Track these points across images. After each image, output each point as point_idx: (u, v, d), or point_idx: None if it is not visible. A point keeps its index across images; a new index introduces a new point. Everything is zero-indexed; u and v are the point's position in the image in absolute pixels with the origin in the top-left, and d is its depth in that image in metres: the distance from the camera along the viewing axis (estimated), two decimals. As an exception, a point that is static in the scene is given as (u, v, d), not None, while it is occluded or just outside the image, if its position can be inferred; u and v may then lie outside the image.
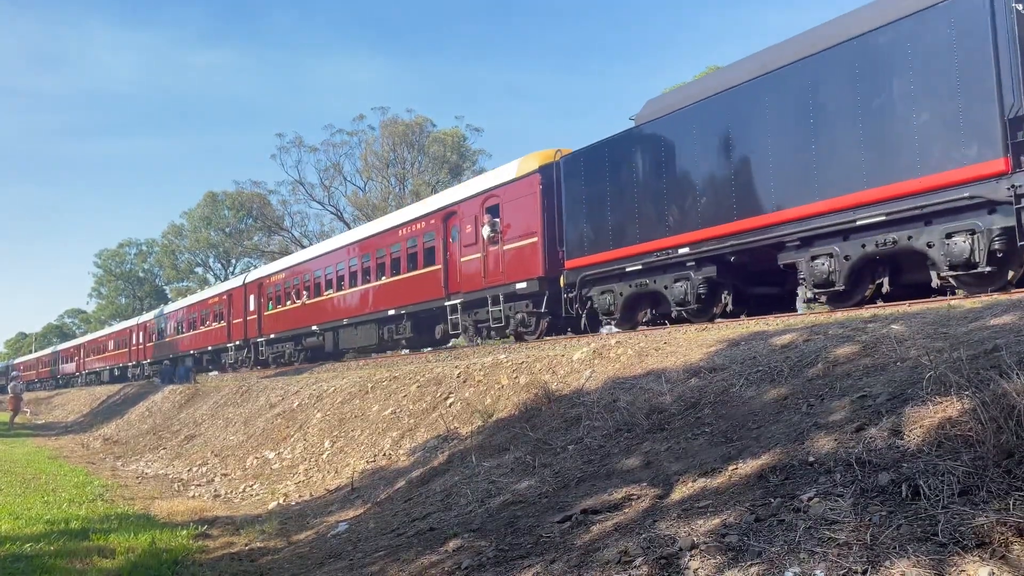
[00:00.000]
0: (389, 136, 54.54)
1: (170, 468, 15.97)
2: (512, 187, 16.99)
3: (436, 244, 19.53)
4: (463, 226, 18.36)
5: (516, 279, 16.55)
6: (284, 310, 28.72)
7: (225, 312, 34.34)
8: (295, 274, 28.29)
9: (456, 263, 18.62)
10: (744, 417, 6.02)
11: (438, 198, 20.73)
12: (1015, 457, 3.76)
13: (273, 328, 29.56)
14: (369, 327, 22.83)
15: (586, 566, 4.32)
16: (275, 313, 29.54)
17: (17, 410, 33.14)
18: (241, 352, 32.86)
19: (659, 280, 13.52)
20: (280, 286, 29.36)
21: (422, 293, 19.90)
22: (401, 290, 20.97)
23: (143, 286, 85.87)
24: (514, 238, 16.80)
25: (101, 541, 8.12)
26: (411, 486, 8.54)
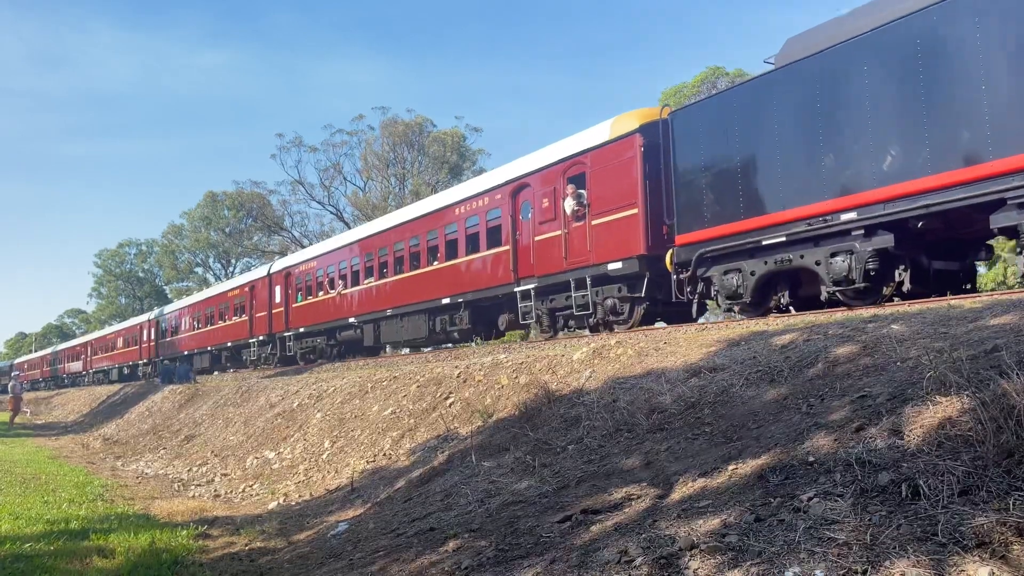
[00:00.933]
0: (389, 136, 54.54)
1: (170, 468, 15.97)
2: (603, 152, 14.55)
3: (503, 222, 17.12)
4: (538, 200, 16.06)
5: (608, 259, 14.24)
6: (316, 301, 26.26)
7: (247, 305, 31.75)
8: (329, 261, 25.77)
9: (528, 243, 16.34)
10: (744, 417, 6.02)
11: (504, 170, 17.92)
12: (1015, 457, 3.76)
13: (302, 321, 27.04)
14: (418, 318, 20.55)
15: (586, 566, 4.32)
16: (305, 305, 27.03)
17: (17, 410, 33.13)
18: (265, 348, 30.33)
19: (809, 254, 11.05)
20: (311, 275, 26.87)
21: (484, 278, 17.65)
22: (458, 276, 18.64)
23: (143, 286, 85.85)
24: (605, 211, 14.38)
25: (101, 541, 8.12)
26: (411, 486, 8.54)
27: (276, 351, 29.28)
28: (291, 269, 28.68)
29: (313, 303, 26.52)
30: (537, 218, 16.10)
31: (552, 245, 15.71)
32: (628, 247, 13.99)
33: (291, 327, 27.94)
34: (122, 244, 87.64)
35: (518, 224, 16.84)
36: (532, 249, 16.21)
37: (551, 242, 15.75)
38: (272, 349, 29.68)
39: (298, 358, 27.59)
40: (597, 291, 14.82)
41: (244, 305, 32.13)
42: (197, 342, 37.58)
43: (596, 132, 15.12)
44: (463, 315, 18.78)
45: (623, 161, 14.15)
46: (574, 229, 15.13)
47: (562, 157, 15.68)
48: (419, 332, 20.66)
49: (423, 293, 20.05)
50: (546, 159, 16.21)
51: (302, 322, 27.10)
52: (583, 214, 14.87)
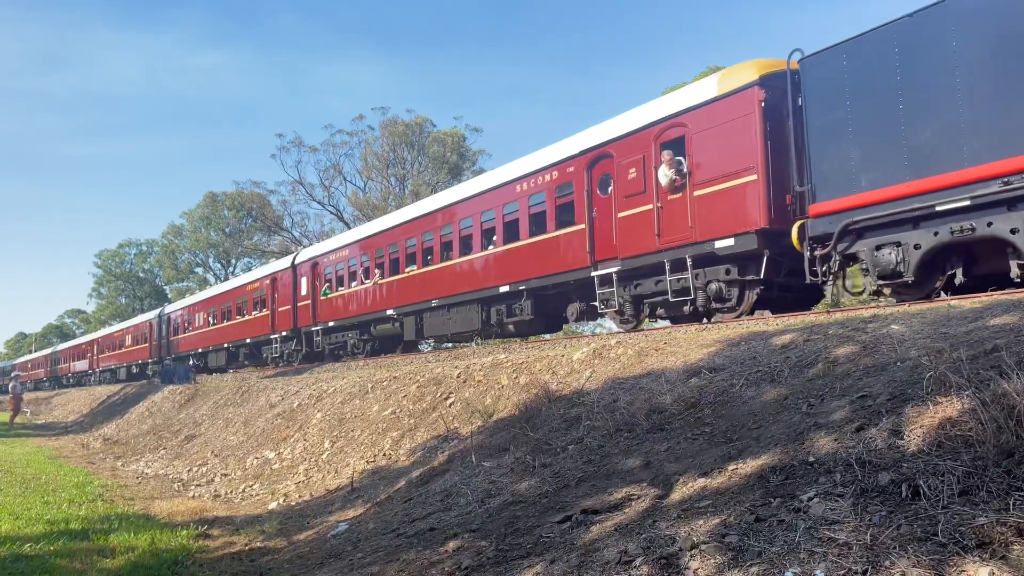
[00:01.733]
0: (389, 136, 54.55)
1: (170, 468, 15.97)
2: (710, 111, 12.50)
3: (576, 198, 15.14)
4: (621, 171, 13.99)
5: (715, 235, 12.26)
6: (348, 293, 24.01)
7: (268, 299, 29.52)
8: (364, 249, 23.44)
9: (609, 221, 14.32)
10: (744, 417, 6.02)
11: (577, 139, 15.64)
12: (1015, 457, 3.76)
13: (332, 315, 24.89)
14: (469, 309, 18.52)
15: (586, 566, 4.32)
16: (335, 297, 24.80)
17: (17, 410, 33.13)
18: (288, 344, 28.19)
19: (1001, 221, 9.12)
20: (342, 265, 24.67)
21: (551, 262, 15.71)
22: (519, 260, 16.62)
23: (143, 286, 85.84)
24: (712, 179, 12.37)
25: (101, 541, 8.12)
26: (411, 486, 8.54)
27: (301, 347, 27.31)
28: (319, 259, 26.37)
29: (344, 295, 24.29)
30: (621, 191, 14.02)
31: (641, 222, 13.66)
32: (742, 220, 11.90)
33: (319, 321, 25.76)
34: (122, 244, 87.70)
35: (595, 200, 14.75)
36: (614, 227, 14.19)
37: (639, 219, 13.71)
38: (297, 345, 27.65)
39: (326, 354, 25.74)
40: (698, 273, 12.77)
41: (265, 299, 29.94)
42: (212, 339, 35.56)
43: (699, 89, 13.08)
44: (524, 305, 16.79)
45: (737, 120, 12.04)
46: (670, 203, 13.13)
47: (653, 120, 13.60)
48: (470, 324, 18.57)
49: (476, 281, 18.05)
50: (632, 124, 14.16)
51: (331, 316, 25.00)
52: (681, 184, 12.88)
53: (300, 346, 27.44)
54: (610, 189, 14.41)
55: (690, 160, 12.81)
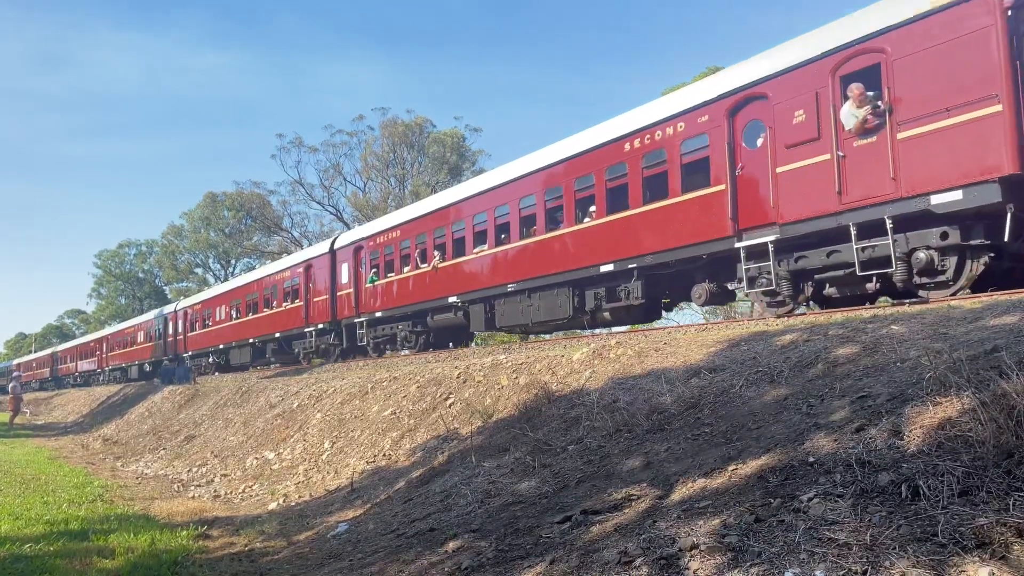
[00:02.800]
0: (389, 136, 54.57)
1: (170, 469, 15.96)
2: (923, 27, 10.02)
3: (712, 153, 12.47)
4: (781, 116, 11.41)
5: (931, 187, 9.75)
6: (399, 279, 21.21)
7: (302, 288, 26.58)
8: (421, 228, 20.51)
9: (761, 178, 11.74)
10: (744, 417, 6.03)
11: (712, 82, 13.13)
12: (1015, 457, 3.76)
13: (379, 304, 22.06)
14: (557, 294, 15.89)
15: (586, 566, 4.32)
16: (383, 284, 22.02)
17: (17, 411, 33.13)
18: (325, 338, 25.41)
19: None
20: (392, 248, 21.76)
21: (675, 233, 13.08)
22: (628, 233, 14.01)
23: (143, 286, 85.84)
24: (928, 115, 9.82)
25: (101, 542, 8.12)
26: (411, 486, 8.54)
27: (341, 341, 24.53)
28: (363, 243, 23.31)
29: (395, 281, 21.44)
30: (780, 140, 11.44)
31: (811, 177, 11.07)
32: (978, 166, 9.38)
33: (363, 312, 22.89)
34: (122, 245, 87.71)
35: (740, 153, 12.12)
36: (771, 186, 11.53)
37: (809, 173, 11.10)
38: (335, 339, 24.87)
39: (371, 349, 23.00)
40: (898, 239, 10.18)
41: (298, 288, 27.02)
42: (235, 334, 32.61)
43: (898, 4, 10.47)
44: (633, 287, 14.19)
45: (968, 36, 9.63)
46: (858, 150, 10.59)
47: (830, 49, 11.03)
48: (558, 312, 15.91)
49: (567, 260, 15.41)
50: (796, 56, 11.52)
51: (378, 305, 22.13)
52: (877, 125, 10.38)
53: (339, 340, 24.65)
54: (762, 139, 11.78)
55: (890, 93, 10.25)
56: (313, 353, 26.29)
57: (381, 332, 22.47)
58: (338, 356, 24.75)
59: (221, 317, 34.50)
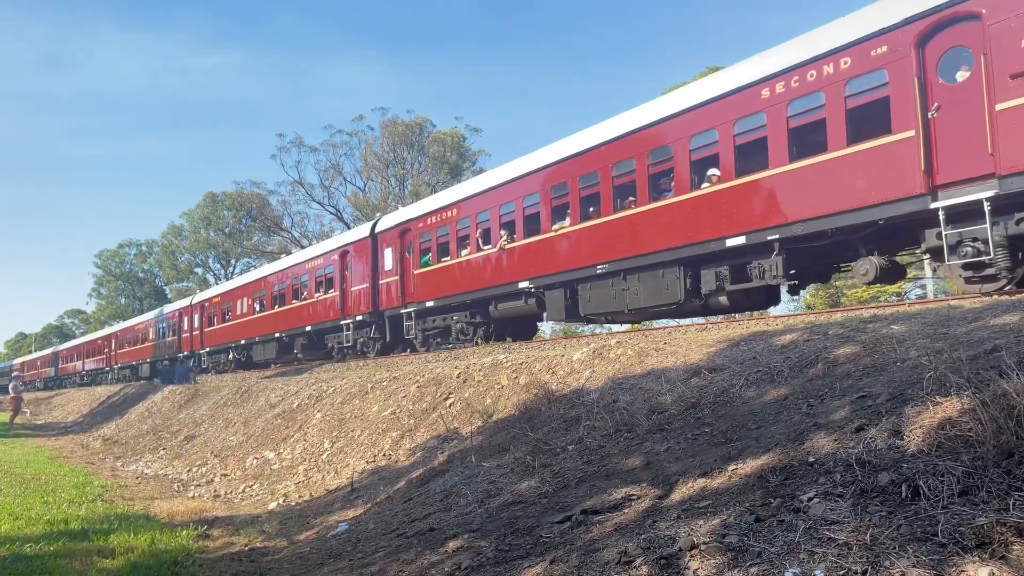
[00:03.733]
0: (389, 136, 54.60)
1: (170, 468, 15.97)
2: None
3: (894, 92, 10.26)
4: (1002, 38, 9.27)
5: None
6: (456, 263, 18.71)
7: (337, 277, 24.27)
8: (484, 205, 18.02)
9: (972, 118, 9.59)
10: (744, 417, 6.02)
11: (888, 6, 10.66)
12: (1015, 457, 3.76)
13: (431, 292, 19.69)
14: (662, 275, 13.68)
15: (586, 566, 4.32)
16: (436, 270, 19.53)
17: (17, 410, 33.13)
18: (364, 331, 23.08)
19: None
20: (447, 228, 19.33)
21: (832, 197, 10.90)
22: (765, 198, 11.78)
23: (143, 286, 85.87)
24: None
25: (101, 541, 8.12)
26: (411, 486, 8.54)
27: (383, 334, 22.32)
28: (411, 224, 20.88)
29: (451, 266, 18.96)
30: (1002, 70, 9.27)
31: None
32: None
33: (410, 301, 20.53)
34: (122, 244, 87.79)
35: (934, 90, 9.96)
36: (987, 128, 9.43)
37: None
38: (376, 332, 22.59)
39: (418, 342, 20.66)
40: None
41: (332, 277, 24.66)
42: (258, 328, 30.05)
43: None
44: (772, 263, 11.85)
45: None
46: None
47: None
48: (663, 296, 13.70)
49: (678, 234, 13.10)
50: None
51: (429, 294, 19.74)
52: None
53: (380, 333, 22.46)
54: (968, 72, 9.75)
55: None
56: (350, 348, 23.82)
57: (432, 324, 20.10)
58: (378, 351, 22.54)
59: (243, 310, 31.78)
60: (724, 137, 12.43)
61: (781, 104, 11.65)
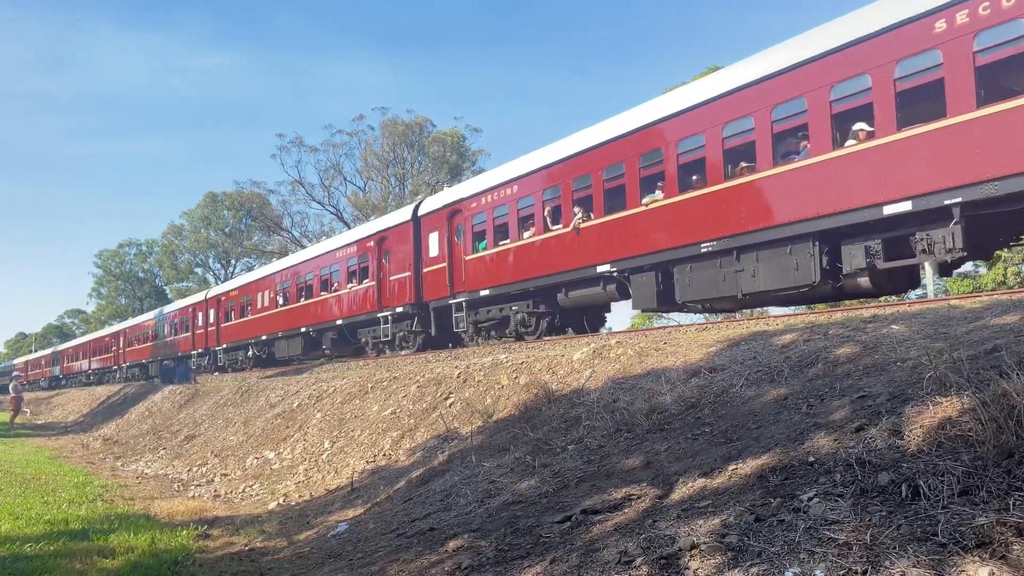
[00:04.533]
0: (389, 136, 54.59)
1: (170, 468, 15.97)
2: None
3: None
4: None
5: None
6: (517, 247, 16.55)
7: (372, 266, 22.16)
8: (551, 180, 15.75)
9: None
10: (744, 417, 6.02)
11: None
12: (1015, 457, 3.76)
13: (485, 280, 17.55)
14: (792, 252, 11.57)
15: (586, 566, 4.32)
16: (492, 256, 17.32)
17: (18, 410, 33.14)
18: (404, 323, 20.95)
19: None
20: (506, 208, 17.00)
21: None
22: (940, 155, 9.70)
23: (143, 286, 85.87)
24: None
25: (101, 541, 8.12)
26: (411, 486, 8.54)
27: (427, 327, 20.27)
28: (461, 205, 18.69)
29: (510, 250, 16.82)
30: None
31: None
32: None
33: (460, 291, 18.45)
34: (122, 244, 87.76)
35: None
36: None
37: None
38: (418, 325, 20.56)
39: (468, 336, 18.48)
40: None
41: (367, 266, 22.54)
42: (282, 322, 27.99)
43: None
44: (948, 233, 9.70)
45: None
46: None
47: None
48: (790, 278, 11.59)
49: (812, 203, 11.08)
50: None
51: (484, 281, 17.66)
52: None
53: (423, 326, 20.37)
54: None
55: None
56: (388, 343, 21.75)
57: (486, 315, 17.89)
58: (419, 345, 20.58)
59: (264, 304, 29.67)
60: (880, 82, 10.28)
61: (965, 36, 9.37)
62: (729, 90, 12.30)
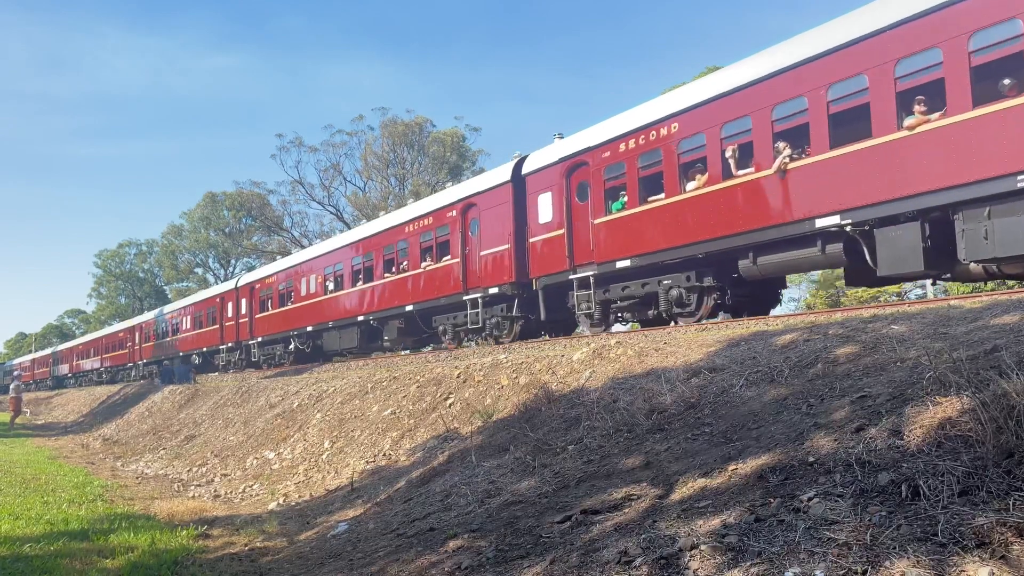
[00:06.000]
0: (389, 136, 54.62)
1: (170, 468, 15.97)
2: None
3: None
4: None
5: None
6: (675, 202, 13.08)
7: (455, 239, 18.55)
8: (737, 111, 12.20)
9: None
10: (744, 417, 6.02)
11: None
12: (1015, 457, 3.76)
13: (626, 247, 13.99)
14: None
15: (586, 566, 4.32)
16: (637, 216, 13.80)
17: (18, 411, 33.14)
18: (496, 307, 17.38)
19: None
20: (658, 154, 13.45)
21: None
22: None
23: (143, 286, 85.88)
24: None
25: (101, 541, 8.12)
26: (411, 486, 8.54)
27: (530, 310, 16.81)
28: (587, 157, 14.94)
29: (668, 207, 13.21)
30: None
31: None
32: None
33: (585, 263, 14.90)
34: (122, 244, 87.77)
35: None
36: None
37: None
38: (518, 309, 16.90)
39: (593, 320, 14.98)
40: None
41: (448, 241, 18.90)
42: (333, 310, 24.41)
43: None
44: None
45: None
46: None
47: None
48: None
49: None
50: None
51: (622, 250, 14.08)
52: None
53: (525, 309, 16.86)
54: None
55: None
56: (476, 331, 17.97)
57: (622, 292, 14.33)
58: (516, 334, 17.14)
59: (311, 290, 26.06)
60: None
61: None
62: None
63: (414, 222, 20.71)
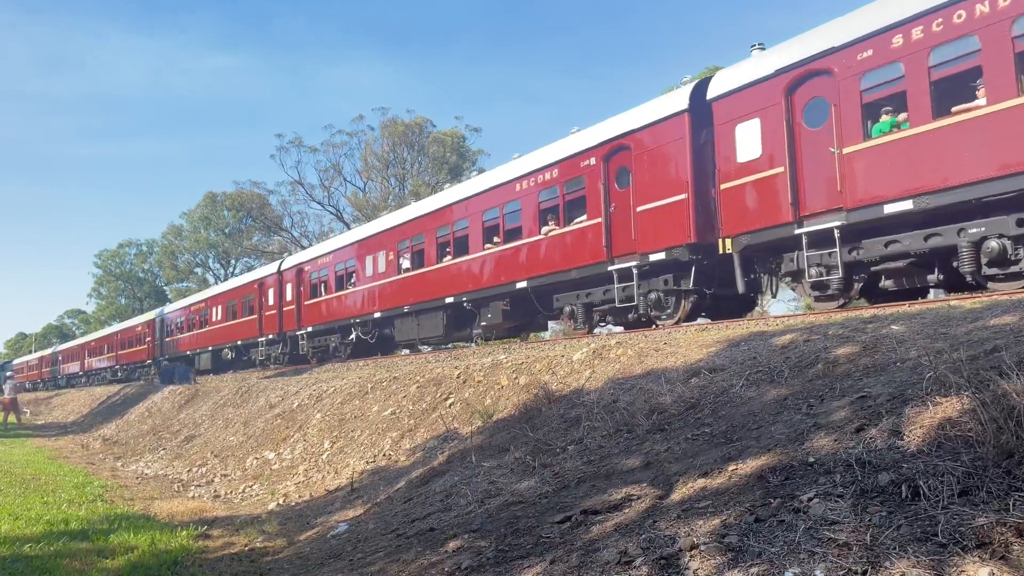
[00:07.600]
0: (389, 136, 54.61)
1: (170, 469, 15.96)
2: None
3: None
4: None
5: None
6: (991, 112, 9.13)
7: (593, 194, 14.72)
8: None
9: None
10: (744, 417, 6.02)
11: None
12: (1015, 457, 3.76)
13: (899, 186, 10.06)
14: None
15: (586, 566, 4.32)
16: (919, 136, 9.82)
17: (18, 412, 33.13)
18: (662, 280, 13.60)
19: None
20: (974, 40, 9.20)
21: None
22: None
23: (143, 286, 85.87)
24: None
25: (101, 541, 8.12)
26: (411, 486, 8.54)
27: (709, 284, 13.38)
28: (829, 61, 10.91)
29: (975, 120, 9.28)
30: None
31: None
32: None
33: (822, 211, 11.04)
34: (122, 244, 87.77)
35: None
36: None
37: None
38: (695, 281, 13.23)
39: (835, 286, 11.09)
40: None
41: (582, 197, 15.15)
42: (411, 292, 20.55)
43: None
44: None
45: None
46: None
47: None
48: None
49: None
50: None
51: (890, 188, 10.17)
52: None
53: (703, 282, 13.27)
54: None
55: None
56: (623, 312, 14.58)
57: (888, 251, 10.39)
58: (684, 314, 13.51)
59: (375, 271, 22.36)
60: None
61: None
62: None
63: (529, 177, 16.48)
